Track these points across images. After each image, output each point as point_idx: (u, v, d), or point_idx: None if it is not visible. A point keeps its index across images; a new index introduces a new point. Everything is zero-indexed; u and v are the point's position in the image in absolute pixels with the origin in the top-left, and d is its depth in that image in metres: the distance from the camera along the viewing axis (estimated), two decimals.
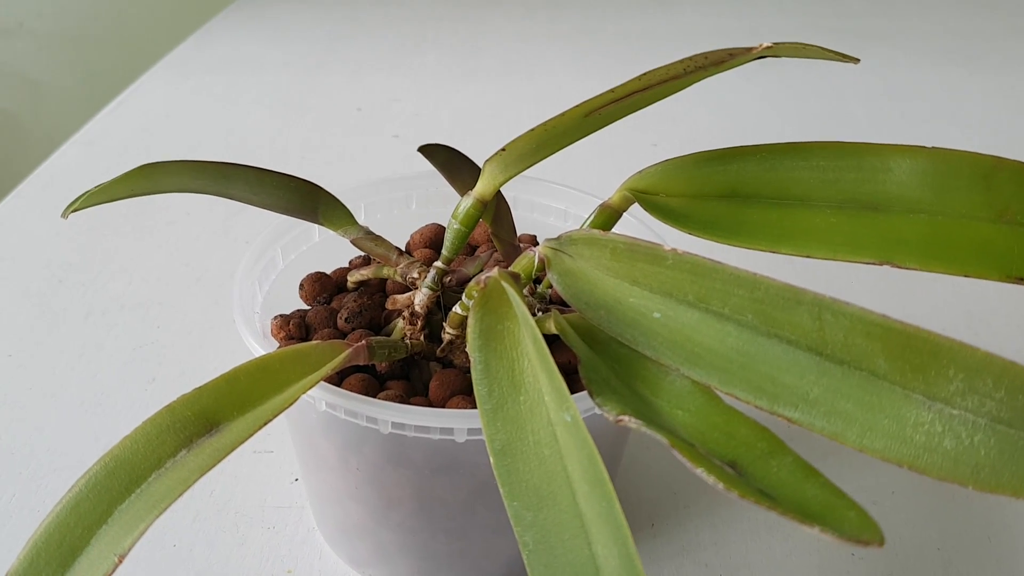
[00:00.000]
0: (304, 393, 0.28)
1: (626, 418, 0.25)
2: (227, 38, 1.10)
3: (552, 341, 0.37)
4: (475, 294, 0.30)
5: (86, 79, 1.55)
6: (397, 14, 1.21)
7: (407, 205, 0.45)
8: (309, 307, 0.40)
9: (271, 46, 1.08)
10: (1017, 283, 0.26)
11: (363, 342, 0.32)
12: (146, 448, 0.27)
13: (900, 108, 0.94)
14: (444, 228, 0.42)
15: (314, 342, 0.31)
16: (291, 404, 0.28)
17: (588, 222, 0.35)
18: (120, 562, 0.25)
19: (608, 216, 0.35)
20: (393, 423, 0.31)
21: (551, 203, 0.45)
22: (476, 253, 0.43)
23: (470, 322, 0.29)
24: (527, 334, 0.27)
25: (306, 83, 0.97)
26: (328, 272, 0.41)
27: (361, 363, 0.32)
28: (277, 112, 0.90)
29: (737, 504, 0.44)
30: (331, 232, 0.38)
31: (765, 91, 0.96)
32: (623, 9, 1.23)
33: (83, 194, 0.31)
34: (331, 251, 0.42)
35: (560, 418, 0.26)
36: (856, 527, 0.20)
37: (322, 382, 0.31)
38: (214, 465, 0.27)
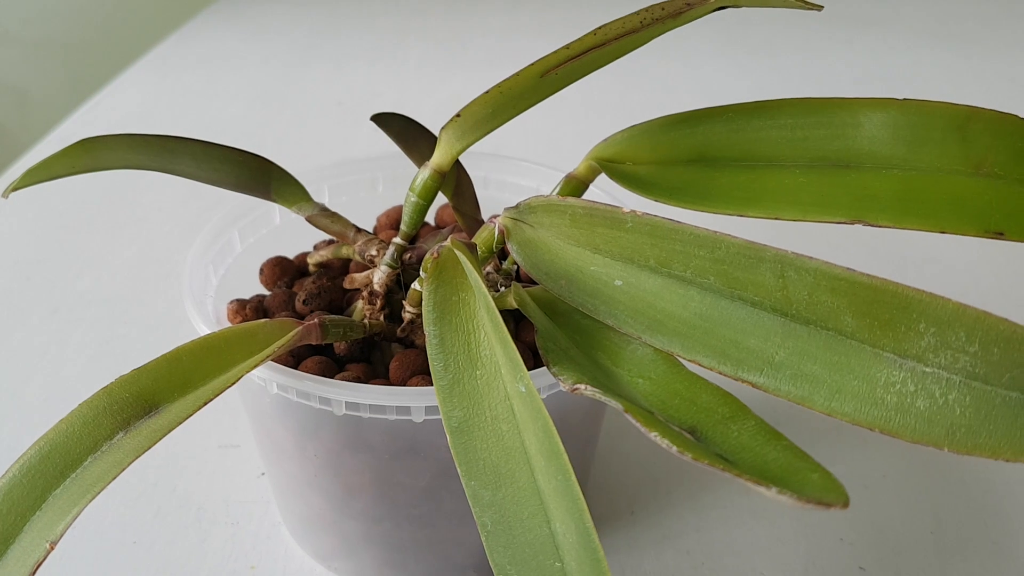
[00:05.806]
0: (248, 372, 0.27)
1: (582, 386, 0.24)
2: (206, 36, 1.09)
3: (520, 319, 0.35)
4: (429, 266, 0.28)
5: (72, 87, 1.53)
6: (380, 8, 1.19)
7: (373, 187, 0.44)
8: (269, 292, 0.38)
9: (251, 43, 1.07)
10: (995, 238, 0.24)
11: (315, 320, 0.30)
12: (82, 431, 0.26)
13: (894, 93, 0.92)
14: None
15: (262, 320, 0.29)
16: (234, 383, 0.26)
17: (554, 193, 0.33)
18: (52, 549, 0.24)
19: (574, 187, 0.33)
20: (347, 403, 0.29)
21: (522, 181, 0.43)
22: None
23: (424, 295, 0.27)
24: (481, 304, 0.26)
25: (286, 79, 0.96)
26: (290, 257, 0.40)
27: (314, 343, 0.30)
28: (256, 108, 0.88)
29: (720, 490, 0.43)
30: (293, 215, 0.37)
31: (755, 81, 0.94)
32: (609, 1, 1.22)
33: (24, 173, 0.30)
34: (294, 235, 0.41)
35: (515, 389, 0.24)
36: (819, 488, 0.18)
37: (273, 363, 0.30)
38: (150, 446, 0.25)
